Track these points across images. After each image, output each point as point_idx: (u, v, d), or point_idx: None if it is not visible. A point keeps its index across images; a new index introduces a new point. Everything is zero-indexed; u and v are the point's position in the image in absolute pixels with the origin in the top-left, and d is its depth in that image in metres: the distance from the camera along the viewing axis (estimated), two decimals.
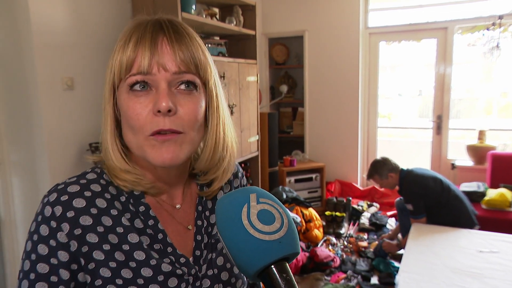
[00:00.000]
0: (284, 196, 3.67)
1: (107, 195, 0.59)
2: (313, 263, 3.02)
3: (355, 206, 4.08)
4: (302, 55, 4.64)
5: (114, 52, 0.59)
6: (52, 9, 2.18)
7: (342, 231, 3.68)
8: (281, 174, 4.17)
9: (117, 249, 0.56)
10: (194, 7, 2.62)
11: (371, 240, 3.47)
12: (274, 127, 4.07)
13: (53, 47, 2.19)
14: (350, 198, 4.11)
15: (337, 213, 3.79)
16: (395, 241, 3.17)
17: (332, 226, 3.74)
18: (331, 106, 4.60)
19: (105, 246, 0.56)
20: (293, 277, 0.44)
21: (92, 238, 0.55)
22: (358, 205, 4.13)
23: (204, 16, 2.85)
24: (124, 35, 0.59)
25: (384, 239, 3.22)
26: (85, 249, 0.55)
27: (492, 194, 3.37)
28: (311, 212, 3.57)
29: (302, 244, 3.33)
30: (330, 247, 3.38)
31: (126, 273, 0.56)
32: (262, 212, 0.46)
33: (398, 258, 2.96)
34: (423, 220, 2.82)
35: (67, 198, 0.56)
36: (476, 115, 4.94)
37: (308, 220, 3.47)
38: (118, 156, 0.61)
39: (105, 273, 0.55)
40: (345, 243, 3.46)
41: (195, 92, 0.59)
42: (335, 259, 3.09)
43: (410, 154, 4.96)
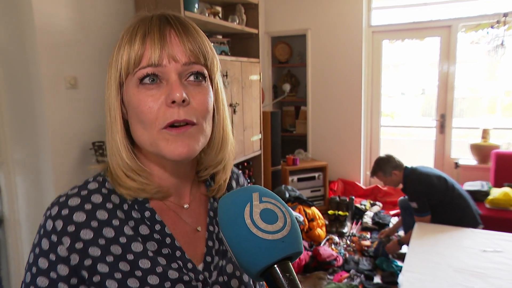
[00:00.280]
0: (287, 195, 3.67)
1: (109, 205, 0.59)
2: (316, 262, 3.02)
3: (358, 205, 4.08)
4: (305, 54, 4.63)
5: (119, 49, 0.58)
6: (56, 9, 2.18)
7: (345, 230, 3.67)
8: (284, 173, 4.17)
9: (121, 260, 0.56)
10: (197, 6, 2.62)
11: (374, 239, 3.46)
12: (277, 126, 4.07)
13: (57, 46, 2.19)
14: (353, 197, 4.10)
15: (340, 212, 3.79)
16: (396, 239, 3.14)
17: (335, 225, 3.73)
18: (334, 105, 4.59)
19: (108, 258, 0.55)
20: (296, 277, 0.43)
21: (95, 251, 0.55)
22: (361, 204, 4.12)
23: (207, 15, 2.84)
24: (129, 31, 0.58)
25: (382, 239, 3.21)
26: (88, 262, 0.55)
27: (496, 193, 3.35)
28: (314, 211, 3.56)
29: (305, 243, 3.33)
30: (333, 246, 3.38)
31: (133, 283, 0.55)
32: (265, 211, 0.45)
33: (401, 257, 2.96)
34: (428, 218, 2.80)
35: (68, 212, 0.56)
36: (480, 114, 4.91)
37: (311, 219, 3.47)
38: (129, 156, 0.60)
39: (111, 285, 0.55)
40: (348, 242, 3.45)
41: (204, 84, 0.59)
42: (338, 258, 3.08)
43: (413, 153, 4.94)
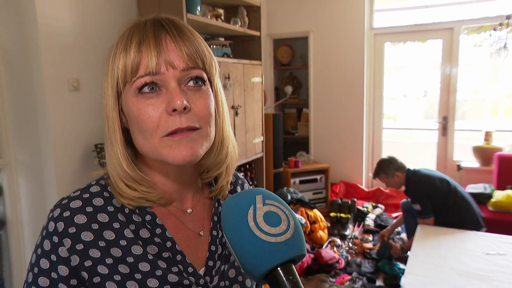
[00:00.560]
0: (289, 197, 3.66)
1: (110, 208, 0.59)
2: (318, 265, 3.01)
3: (360, 208, 4.07)
4: (307, 56, 4.64)
5: (114, 57, 0.57)
6: (59, 11, 2.19)
7: (347, 233, 3.66)
8: (286, 175, 4.17)
9: (121, 262, 0.56)
10: (199, 8, 2.63)
11: (376, 242, 3.45)
12: (279, 128, 4.07)
13: (60, 49, 2.20)
14: (355, 200, 4.09)
15: (342, 215, 3.78)
16: (399, 244, 3.14)
17: (337, 228, 3.73)
18: (336, 107, 4.59)
19: (108, 260, 0.56)
20: (300, 279, 0.43)
21: (95, 253, 0.56)
22: (363, 207, 4.11)
23: (209, 17, 2.85)
24: (122, 38, 0.57)
25: (388, 244, 3.18)
26: (89, 264, 0.55)
27: (499, 196, 3.34)
28: (316, 214, 3.56)
29: (307, 246, 3.32)
30: (335, 249, 3.37)
31: (132, 285, 0.56)
32: (268, 214, 0.45)
33: (404, 260, 2.95)
34: (431, 220, 2.78)
35: (69, 214, 0.56)
36: (482, 116, 4.90)
37: (313, 222, 3.46)
38: (130, 166, 0.60)
39: (111, 287, 0.55)
40: (350, 245, 3.45)
41: (204, 88, 0.58)
42: (340, 261, 3.07)
43: (416, 156, 4.93)
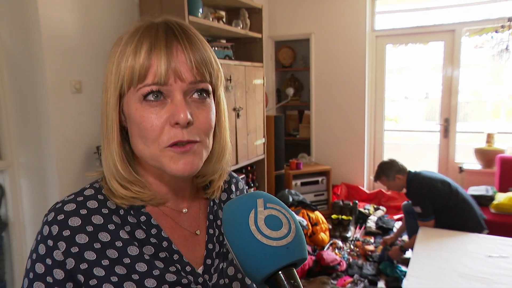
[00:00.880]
0: (290, 199, 3.66)
1: (105, 210, 0.59)
2: (320, 267, 3.01)
3: (362, 210, 4.06)
4: (309, 58, 4.64)
5: (121, 56, 0.56)
6: (61, 13, 2.20)
7: (349, 235, 3.66)
8: (287, 177, 4.17)
9: (118, 263, 0.56)
10: (201, 11, 2.63)
11: (378, 244, 3.44)
12: (280, 130, 4.07)
13: (62, 51, 2.21)
14: (357, 202, 4.08)
15: (344, 217, 3.78)
16: (398, 245, 3.12)
17: (339, 230, 3.72)
18: (338, 109, 4.58)
19: (104, 262, 0.56)
20: (301, 283, 0.43)
21: (90, 256, 0.55)
22: (365, 209, 4.10)
23: (211, 20, 2.86)
24: (133, 39, 0.56)
25: (388, 247, 3.18)
26: (84, 266, 0.55)
27: (501, 198, 3.33)
28: (317, 215, 3.55)
29: (308, 248, 3.31)
30: (337, 251, 3.36)
31: (129, 286, 0.55)
32: (270, 218, 0.45)
33: (405, 262, 2.94)
34: (431, 223, 2.78)
35: (63, 217, 0.56)
36: (484, 118, 4.88)
37: (314, 224, 3.46)
38: (125, 167, 0.60)
39: None
40: (352, 247, 3.44)
41: (208, 100, 0.59)
42: (342, 263, 3.07)
43: (417, 158, 4.92)
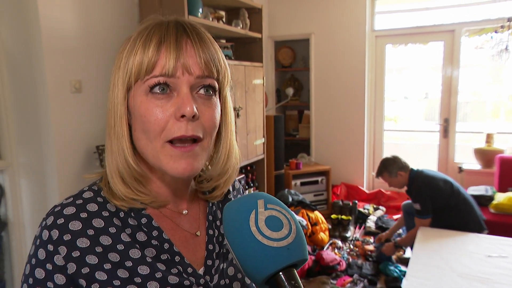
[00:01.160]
0: (290, 199, 3.66)
1: (105, 213, 0.58)
2: (319, 267, 3.01)
3: (361, 210, 4.06)
4: (308, 58, 4.64)
5: (130, 51, 0.56)
6: (61, 13, 2.20)
7: (348, 235, 3.66)
8: (287, 177, 4.17)
9: (120, 267, 0.55)
10: (201, 10, 2.63)
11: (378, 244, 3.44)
12: (280, 130, 4.07)
13: (62, 51, 2.21)
14: (356, 201, 4.08)
15: (343, 216, 3.78)
16: (392, 242, 3.11)
17: (338, 230, 3.72)
18: (337, 109, 4.59)
19: (106, 266, 0.55)
20: (302, 284, 0.43)
21: (92, 260, 0.54)
22: (364, 209, 4.11)
23: (211, 19, 2.86)
24: (142, 34, 0.56)
25: (382, 242, 3.17)
26: (86, 271, 0.54)
27: (501, 198, 3.34)
28: (317, 215, 3.55)
29: (308, 248, 3.30)
30: (336, 251, 3.36)
31: None
32: (270, 219, 0.45)
33: (405, 262, 2.94)
34: (428, 221, 2.78)
35: (63, 221, 0.55)
36: (484, 118, 4.89)
37: (314, 223, 3.46)
38: (135, 161, 0.59)
39: None
40: (351, 247, 3.44)
41: (214, 98, 0.58)
42: (341, 263, 3.07)
43: (417, 158, 4.91)
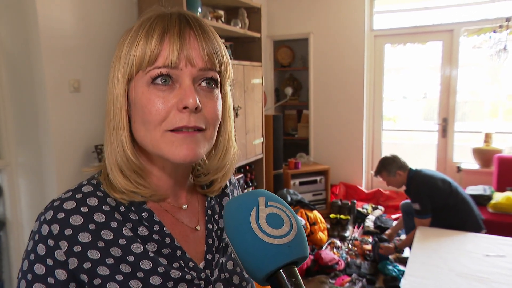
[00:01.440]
0: (289, 199, 3.66)
1: (106, 207, 0.57)
2: (318, 266, 3.01)
3: (360, 209, 4.07)
4: (307, 58, 4.64)
5: (131, 42, 0.55)
6: (60, 13, 2.20)
7: (347, 234, 3.66)
8: (286, 177, 4.17)
9: (122, 262, 0.55)
10: (200, 10, 2.63)
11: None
12: (279, 130, 4.07)
13: (61, 50, 2.20)
14: (355, 201, 4.09)
15: (342, 216, 3.78)
16: (392, 243, 3.11)
17: (337, 229, 3.73)
18: (336, 109, 4.59)
19: (109, 260, 0.54)
20: (302, 282, 0.43)
21: (94, 254, 0.54)
22: (363, 208, 4.11)
23: (210, 19, 2.86)
24: (145, 25, 0.55)
25: (380, 244, 3.13)
26: (88, 266, 0.53)
27: (499, 198, 3.34)
28: (316, 215, 3.56)
29: None
30: (335, 250, 3.37)
31: (135, 284, 0.54)
32: (271, 216, 0.45)
33: (403, 262, 2.94)
34: (428, 221, 2.79)
35: (64, 216, 0.54)
36: (482, 118, 4.90)
37: (313, 223, 3.46)
38: (133, 153, 0.58)
39: (113, 287, 0.54)
40: (350, 246, 3.44)
41: (216, 90, 0.58)
42: (340, 262, 3.07)
43: (416, 157, 4.92)
